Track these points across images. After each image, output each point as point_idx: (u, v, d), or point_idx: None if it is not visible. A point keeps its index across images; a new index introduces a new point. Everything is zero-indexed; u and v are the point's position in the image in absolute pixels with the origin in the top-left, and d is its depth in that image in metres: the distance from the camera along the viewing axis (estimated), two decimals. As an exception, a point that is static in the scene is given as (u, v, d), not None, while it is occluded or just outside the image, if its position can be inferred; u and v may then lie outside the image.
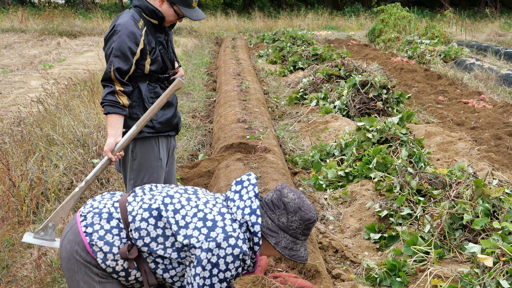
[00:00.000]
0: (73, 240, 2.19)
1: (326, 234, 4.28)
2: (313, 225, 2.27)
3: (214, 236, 2.12)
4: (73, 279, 2.20)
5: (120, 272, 2.20)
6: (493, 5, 26.42)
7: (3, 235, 3.66)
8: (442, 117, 7.97)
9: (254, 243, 2.20)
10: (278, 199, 2.24)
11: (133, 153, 3.21)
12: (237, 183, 2.29)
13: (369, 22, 24.66)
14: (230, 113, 6.98)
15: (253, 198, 2.21)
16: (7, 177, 4.24)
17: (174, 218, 2.16)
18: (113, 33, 3.05)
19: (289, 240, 2.22)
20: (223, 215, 2.19)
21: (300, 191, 2.32)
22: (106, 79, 3.04)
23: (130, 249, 2.16)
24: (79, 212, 2.26)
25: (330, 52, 12.18)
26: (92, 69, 9.78)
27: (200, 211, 2.19)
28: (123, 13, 3.18)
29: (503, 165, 5.73)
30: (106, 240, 2.16)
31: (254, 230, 2.17)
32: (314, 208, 2.29)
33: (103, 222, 2.19)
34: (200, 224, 2.15)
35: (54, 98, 7.22)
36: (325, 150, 5.93)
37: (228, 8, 30.70)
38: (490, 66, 11.69)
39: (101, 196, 2.34)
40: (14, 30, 19.87)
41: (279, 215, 2.22)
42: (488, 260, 3.18)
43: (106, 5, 34.43)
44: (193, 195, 2.27)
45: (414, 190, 4.35)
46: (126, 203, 2.24)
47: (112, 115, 3.01)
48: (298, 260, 2.23)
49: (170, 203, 2.20)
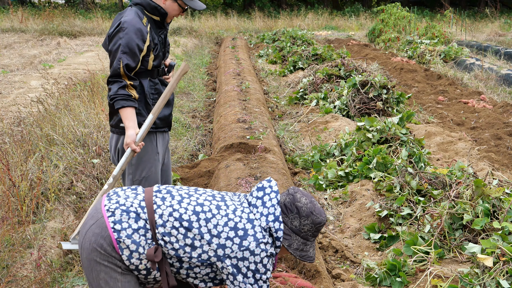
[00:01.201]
0: (99, 234, 2.21)
1: (326, 234, 4.28)
2: (322, 227, 2.40)
3: (246, 245, 2.22)
4: (93, 269, 2.23)
5: (142, 270, 2.25)
6: (493, 5, 26.42)
7: (3, 235, 3.66)
8: (442, 117, 7.97)
9: (276, 246, 2.31)
10: (291, 203, 2.34)
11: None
12: (258, 189, 2.37)
13: (369, 22, 24.67)
14: (230, 113, 6.98)
15: (276, 206, 2.31)
16: (7, 177, 4.24)
17: (207, 227, 2.24)
18: (120, 30, 3.08)
19: (300, 242, 2.33)
20: (252, 222, 2.28)
21: (311, 195, 2.40)
22: (115, 75, 3.07)
23: (156, 251, 2.21)
24: (104, 206, 2.27)
25: (330, 52, 12.18)
26: (92, 69, 9.78)
27: (231, 220, 2.27)
28: (126, 10, 3.20)
29: (503, 165, 5.73)
30: (134, 239, 2.20)
31: (277, 236, 2.28)
32: (323, 211, 2.40)
33: (131, 221, 2.23)
34: (232, 234, 2.23)
35: (54, 98, 7.22)
36: (325, 150, 5.93)
37: (228, 8, 30.70)
38: (490, 66, 11.69)
39: (123, 190, 2.36)
40: (14, 30, 19.88)
41: (292, 219, 2.32)
42: (488, 260, 3.18)
43: (106, 5, 34.42)
44: (221, 202, 2.33)
45: (414, 190, 4.35)
46: (153, 204, 2.27)
47: (126, 109, 3.07)
48: (307, 260, 2.35)
49: (201, 211, 2.27)
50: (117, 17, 3.22)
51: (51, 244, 3.81)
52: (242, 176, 4.60)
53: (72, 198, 4.49)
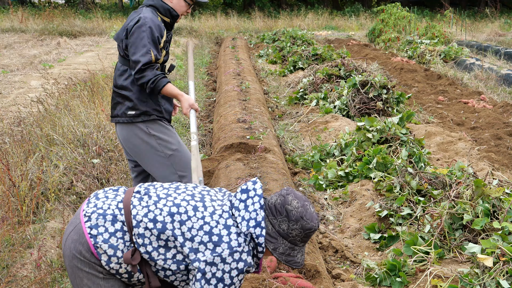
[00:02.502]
0: (77, 240, 2.18)
1: (326, 234, 4.28)
2: (313, 233, 2.28)
3: (219, 251, 2.14)
4: (76, 276, 2.21)
5: (123, 274, 2.22)
6: (493, 5, 26.42)
7: (3, 235, 3.66)
8: (442, 117, 7.97)
9: (258, 251, 2.23)
10: (281, 205, 2.24)
11: (151, 135, 3.42)
12: (242, 192, 2.27)
13: (369, 22, 24.65)
14: (230, 113, 6.98)
15: (258, 210, 2.21)
16: (7, 177, 4.24)
17: (180, 230, 2.17)
18: (142, 25, 3.27)
19: (287, 246, 2.24)
20: (228, 229, 2.19)
21: (306, 198, 2.31)
22: (147, 63, 3.25)
23: (133, 254, 2.17)
24: (83, 211, 2.24)
25: (330, 52, 12.18)
26: (92, 69, 9.78)
27: (206, 224, 2.19)
28: (142, 8, 3.44)
29: (503, 165, 5.73)
30: (111, 243, 2.16)
31: (258, 242, 2.19)
32: (316, 217, 2.28)
33: (107, 224, 2.18)
34: (206, 239, 2.16)
35: (54, 98, 7.22)
36: (325, 150, 5.93)
37: (228, 8, 30.69)
38: (490, 66, 11.69)
39: (104, 192, 2.32)
40: (14, 30, 19.87)
41: (280, 221, 2.23)
42: (488, 260, 3.18)
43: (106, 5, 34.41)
44: (200, 203, 2.25)
45: (414, 190, 4.35)
46: (130, 205, 2.23)
47: (169, 84, 3.33)
48: (293, 266, 2.25)
49: (177, 212, 2.19)
50: (133, 14, 3.43)
51: (51, 244, 3.81)
52: (242, 176, 4.60)
53: (72, 198, 4.49)
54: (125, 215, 2.20)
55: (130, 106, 3.38)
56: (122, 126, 3.45)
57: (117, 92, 3.43)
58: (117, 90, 3.43)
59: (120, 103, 3.42)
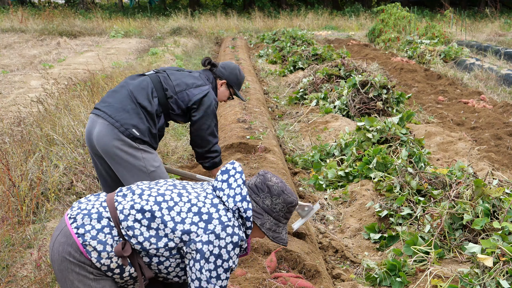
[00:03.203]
0: (65, 242, 2.20)
1: (326, 234, 4.28)
2: (294, 208, 2.38)
3: (212, 228, 2.18)
4: (66, 280, 2.21)
5: (115, 269, 2.22)
6: (493, 5, 26.42)
7: (3, 235, 3.66)
8: (442, 117, 7.97)
9: (247, 227, 2.29)
10: (262, 182, 2.33)
11: (139, 149, 3.31)
12: (222, 173, 2.35)
13: (369, 22, 24.66)
14: (230, 113, 6.98)
15: (242, 186, 2.29)
16: (7, 177, 4.24)
17: (170, 215, 2.20)
18: (211, 111, 3.54)
19: (273, 222, 2.32)
20: (216, 206, 2.25)
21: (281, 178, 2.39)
22: (216, 145, 3.70)
23: (124, 246, 2.19)
24: (67, 215, 2.27)
25: (330, 52, 12.18)
26: (92, 69, 9.79)
27: (194, 206, 2.24)
28: (206, 80, 3.62)
29: (503, 165, 5.73)
30: (99, 239, 2.18)
31: (246, 216, 2.25)
32: (294, 193, 2.40)
33: (93, 222, 2.21)
34: (196, 219, 2.20)
35: (54, 98, 7.22)
36: (325, 150, 5.93)
37: (228, 8, 30.70)
38: (490, 66, 11.69)
39: (85, 198, 2.36)
40: (14, 30, 19.89)
41: (263, 198, 2.31)
42: (488, 260, 3.18)
43: (106, 5, 34.44)
44: (183, 190, 2.31)
45: (414, 190, 4.35)
46: (114, 202, 2.26)
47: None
48: (280, 242, 2.33)
49: (163, 201, 2.24)
50: (197, 79, 3.65)
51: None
52: (242, 176, 4.60)
53: (72, 198, 4.49)
54: (110, 212, 2.23)
55: (137, 127, 3.26)
56: (110, 127, 3.25)
57: (132, 103, 3.29)
58: (132, 101, 3.29)
59: (129, 113, 3.27)
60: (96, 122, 3.28)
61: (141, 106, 3.29)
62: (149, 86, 3.37)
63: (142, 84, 3.38)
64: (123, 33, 20.43)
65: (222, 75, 3.67)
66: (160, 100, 3.36)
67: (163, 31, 20.68)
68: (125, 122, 3.23)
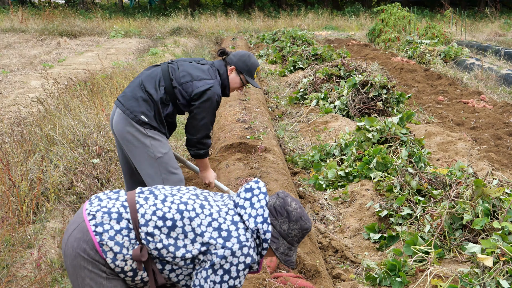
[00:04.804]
0: (80, 238, 2.18)
1: (326, 234, 4.28)
2: (307, 233, 2.41)
3: (229, 246, 2.19)
4: (78, 276, 2.20)
5: (128, 272, 2.22)
6: (493, 5, 26.42)
7: (3, 235, 3.66)
8: (442, 117, 7.97)
9: (263, 248, 2.30)
10: (281, 206, 2.33)
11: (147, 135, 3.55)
12: (246, 190, 2.35)
13: (369, 22, 24.65)
14: (230, 113, 6.98)
15: (264, 207, 2.30)
16: (7, 177, 4.24)
17: (191, 226, 2.22)
18: (212, 101, 3.59)
19: (286, 246, 2.34)
20: (236, 224, 2.26)
21: (298, 200, 2.45)
22: (208, 134, 3.74)
23: (141, 251, 2.18)
24: (86, 210, 2.23)
25: (330, 52, 12.17)
26: (92, 69, 9.79)
27: (215, 221, 2.25)
28: (213, 68, 3.73)
29: (503, 165, 5.73)
30: (117, 240, 2.17)
31: (265, 238, 2.27)
32: (310, 219, 2.44)
33: (113, 222, 2.19)
34: (215, 234, 2.21)
35: (54, 98, 7.22)
36: (325, 150, 5.93)
37: (228, 8, 30.69)
38: (490, 66, 11.69)
39: (105, 194, 2.32)
40: (14, 30, 19.89)
41: (281, 222, 2.32)
42: (488, 260, 3.18)
43: (106, 5, 34.43)
44: (205, 202, 2.31)
45: (414, 190, 4.35)
46: (135, 203, 2.24)
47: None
48: (290, 265, 2.35)
49: (185, 209, 2.24)
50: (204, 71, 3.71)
51: (51, 244, 3.81)
52: (242, 176, 4.60)
53: (72, 198, 4.49)
54: (130, 213, 2.21)
55: (145, 113, 3.51)
56: (122, 115, 3.53)
57: (142, 91, 3.54)
58: (141, 89, 3.55)
59: (138, 101, 3.52)
60: (115, 112, 3.61)
61: (149, 94, 3.54)
62: (158, 76, 3.61)
63: (152, 74, 3.63)
64: (123, 33, 20.43)
65: (231, 62, 3.78)
66: (166, 89, 3.56)
67: (163, 31, 20.68)
68: (134, 109, 3.50)
